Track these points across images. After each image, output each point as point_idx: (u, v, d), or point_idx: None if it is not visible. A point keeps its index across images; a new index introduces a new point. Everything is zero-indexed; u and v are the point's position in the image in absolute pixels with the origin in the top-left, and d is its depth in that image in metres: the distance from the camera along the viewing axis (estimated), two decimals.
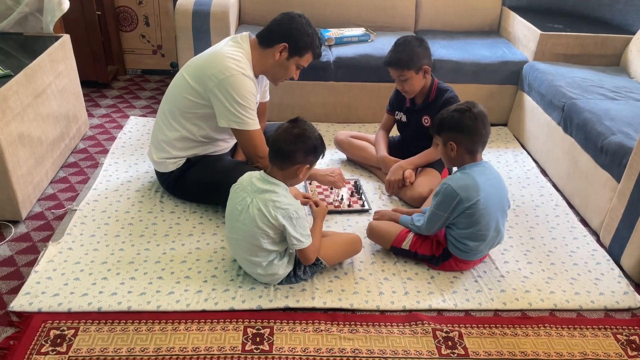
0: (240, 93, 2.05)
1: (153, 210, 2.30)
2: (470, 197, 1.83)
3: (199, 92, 2.11)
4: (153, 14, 3.67)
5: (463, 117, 1.86)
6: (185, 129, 2.19)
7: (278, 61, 2.15)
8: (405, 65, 2.33)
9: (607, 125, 2.32)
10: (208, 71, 2.07)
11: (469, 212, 1.86)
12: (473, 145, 1.88)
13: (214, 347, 1.66)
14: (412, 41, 2.36)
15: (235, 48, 2.12)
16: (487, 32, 3.56)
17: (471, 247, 1.93)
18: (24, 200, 2.18)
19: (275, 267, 1.84)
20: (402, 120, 2.60)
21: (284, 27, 2.12)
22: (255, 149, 2.17)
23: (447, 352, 1.69)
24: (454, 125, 1.88)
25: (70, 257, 1.99)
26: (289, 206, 1.74)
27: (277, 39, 2.12)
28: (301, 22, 2.12)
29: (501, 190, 1.94)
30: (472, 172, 1.88)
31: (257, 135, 2.15)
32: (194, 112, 2.16)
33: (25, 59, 2.32)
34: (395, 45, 2.38)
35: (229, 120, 2.09)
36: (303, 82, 3.09)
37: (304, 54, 2.16)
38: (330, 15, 3.45)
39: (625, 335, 1.81)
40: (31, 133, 2.24)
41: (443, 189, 1.88)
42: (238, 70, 2.04)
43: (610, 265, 2.12)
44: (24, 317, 1.72)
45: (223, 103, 2.06)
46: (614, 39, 3.10)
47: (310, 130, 1.79)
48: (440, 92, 2.45)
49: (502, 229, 1.97)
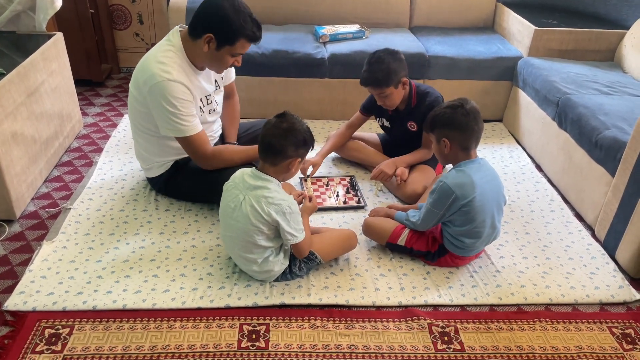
0: (167, 100, 1.94)
1: (148, 208, 2.29)
2: (466, 194, 1.83)
3: (141, 101, 2.04)
4: (147, 12, 3.66)
5: (455, 114, 1.86)
6: (152, 135, 2.14)
7: (208, 53, 1.99)
8: (383, 83, 2.28)
9: (601, 120, 2.32)
10: (140, 79, 2.00)
11: (465, 209, 1.86)
12: (466, 141, 1.87)
13: (210, 345, 1.65)
14: (385, 57, 2.28)
15: (165, 47, 2.02)
16: (481, 28, 3.57)
17: (467, 244, 1.93)
18: (17, 199, 2.17)
19: (271, 264, 1.84)
20: (385, 125, 2.59)
21: (206, 15, 1.95)
22: (196, 154, 2.09)
23: (443, 347, 1.70)
24: (446, 122, 1.87)
25: (64, 255, 1.98)
26: (281, 201, 1.74)
27: (202, 29, 1.95)
28: (224, 7, 1.92)
29: (497, 187, 1.94)
30: (467, 169, 1.87)
31: (196, 139, 2.04)
32: (148, 119, 2.08)
33: (18, 57, 2.30)
34: (370, 65, 2.31)
35: (166, 128, 2.02)
36: (298, 79, 3.09)
37: (235, 42, 1.97)
38: (325, 12, 3.45)
39: (621, 328, 1.81)
40: (24, 132, 2.23)
41: (439, 186, 1.88)
42: (163, 76, 1.93)
43: (605, 259, 2.12)
44: (18, 316, 1.71)
45: (156, 111, 2.00)
46: (608, 34, 3.10)
47: (299, 123, 1.78)
48: (421, 96, 2.42)
49: (498, 225, 1.98)
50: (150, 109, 2.02)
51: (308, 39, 3.22)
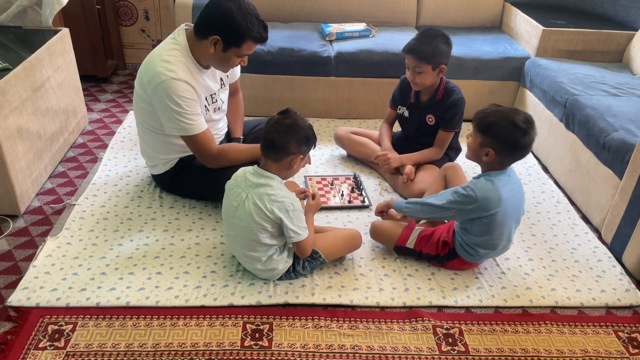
0: (172, 99, 1.94)
1: (152, 205, 2.29)
2: (489, 208, 1.79)
3: (146, 99, 2.04)
4: (153, 8, 3.65)
5: (517, 135, 1.74)
6: (157, 132, 2.14)
7: (214, 54, 1.99)
8: (425, 58, 2.27)
9: (609, 121, 2.30)
10: (145, 78, 1.99)
11: (485, 221, 1.82)
12: (510, 162, 1.83)
13: (213, 343, 1.65)
14: (439, 36, 2.30)
15: (170, 45, 2.01)
16: (489, 28, 3.55)
17: (481, 254, 1.91)
18: (22, 195, 2.17)
19: (275, 262, 1.83)
20: (404, 115, 2.58)
21: (212, 17, 1.95)
22: (201, 153, 2.08)
23: (448, 348, 1.69)
24: (503, 138, 1.75)
25: (68, 252, 1.98)
26: (284, 199, 1.73)
27: (208, 31, 1.95)
28: (230, 8, 1.90)
29: (519, 201, 1.89)
30: (497, 181, 1.80)
31: (201, 138, 2.04)
32: (153, 117, 2.08)
33: (24, 52, 2.30)
34: (422, 35, 2.32)
35: (170, 127, 2.02)
36: (304, 77, 3.08)
37: (242, 44, 1.96)
38: (332, 10, 3.43)
39: (627, 332, 1.80)
40: (30, 127, 2.23)
41: (466, 192, 1.81)
42: (167, 75, 1.92)
43: (612, 262, 2.11)
44: (21, 312, 1.71)
45: (161, 110, 1.99)
46: (616, 35, 3.08)
47: (302, 120, 1.77)
48: (447, 92, 2.41)
49: (513, 237, 1.95)
50: (155, 107, 2.02)
51: (314, 37, 3.21)
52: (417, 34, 2.36)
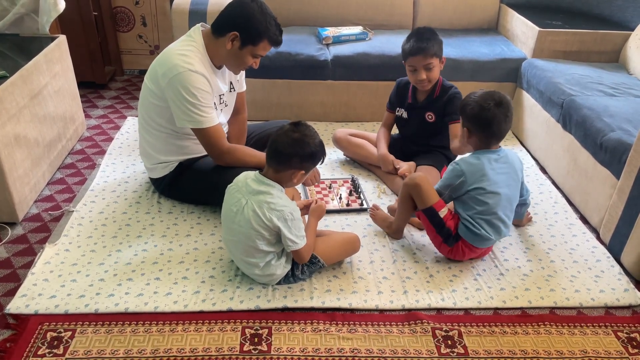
0: (188, 90, 1.97)
1: (150, 210, 2.29)
2: (475, 180, 1.90)
3: (158, 94, 2.06)
4: (150, 14, 3.66)
5: (482, 112, 1.89)
6: (161, 131, 2.15)
7: (231, 51, 2.04)
8: (433, 53, 2.34)
9: (606, 122, 2.30)
10: (159, 71, 2.02)
11: (478, 192, 1.92)
12: (488, 139, 1.95)
13: (212, 348, 1.65)
14: (431, 31, 2.38)
15: (186, 42, 2.05)
16: (485, 30, 3.56)
17: (485, 229, 1.94)
18: (20, 202, 2.17)
19: (273, 268, 1.83)
20: (402, 116, 2.58)
21: (233, 15, 2.02)
22: (212, 147, 2.10)
23: (447, 351, 1.68)
24: (472, 117, 1.93)
25: (67, 258, 1.98)
26: (284, 208, 1.73)
27: (228, 28, 2.01)
28: (252, 8, 1.99)
29: (513, 181, 1.98)
30: (483, 157, 1.94)
31: (213, 132, 2.06)
32: (161, 113, 2.10)
33: (21, 59, 2.31)
34: (418, 34, 2.37)
35: (183, 119, 2.03)
36: (301, 81, 3.09)
37: (258, 43, 2.03)
38: (328, 13, 3.44)
39: (626, 332, 1.80)
40: (27, 134, 2.23)
41: (452, 167, 1.96)
42: (184, 67, 1.96)
43: (611, 262, 2.11)
44: (20, 319, 1.71)
45: (175, 102, 2.01)
46: (612, 36, 3.08)
47: (311, 136, 1.76)
48: (444, 88, 2.46)
49: (508, 220, 1.99)
50: (167, 100, 2.04)
51: (311, 40, 3.21)
52: (411, 38, 2.38)
